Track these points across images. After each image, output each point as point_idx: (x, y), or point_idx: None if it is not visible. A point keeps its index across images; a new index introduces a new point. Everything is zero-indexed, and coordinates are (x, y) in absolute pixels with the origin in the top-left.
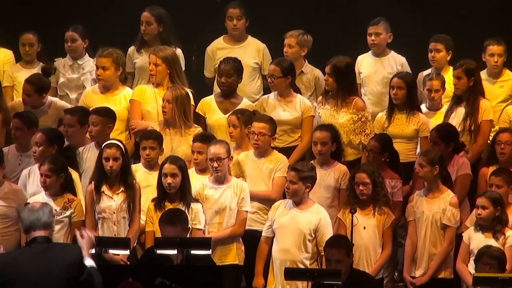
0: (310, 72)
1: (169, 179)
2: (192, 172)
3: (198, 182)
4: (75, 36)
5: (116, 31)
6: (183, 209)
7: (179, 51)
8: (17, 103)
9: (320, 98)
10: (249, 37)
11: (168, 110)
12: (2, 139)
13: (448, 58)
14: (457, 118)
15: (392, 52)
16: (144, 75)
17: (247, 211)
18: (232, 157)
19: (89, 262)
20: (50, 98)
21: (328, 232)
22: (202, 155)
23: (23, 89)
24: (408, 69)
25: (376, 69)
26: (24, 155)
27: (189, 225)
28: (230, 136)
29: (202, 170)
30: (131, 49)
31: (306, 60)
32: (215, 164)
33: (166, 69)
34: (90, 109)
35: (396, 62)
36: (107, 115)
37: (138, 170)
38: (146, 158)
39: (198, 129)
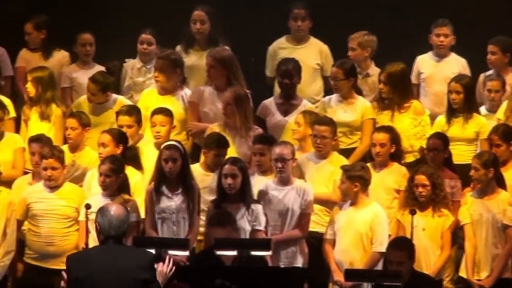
0: (375, 74)
1: (229, 180)
2: (252, 173)
3: (261, 183)
4: (152, 39)
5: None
6: (243, 210)
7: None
8: (82, 101)
9: (375, 104)
10: (311, 38)
11: (229, 112)
12: (61, 139)
13: (506, 60)
14: None
15: (453, 53)
16: (192, 75)
17: (310, 213)
18: (296, 158)
19: None
20: (115, 96)
21: (381, 231)
22: (263, 156)
23: (88, 87)
24: (468, 71)
25: (438, 70)
26: (77, 155)
27: (247, 227)
28: (293, 134)
29: (263, 172)
30: (178, 48)
31: (373, 62)
32: (279, 165)
33: (223, 71)
34: (148, 110)
35: (457, 63)
36: (171, 115)
37: (196, 171)
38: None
39: (258, 131)
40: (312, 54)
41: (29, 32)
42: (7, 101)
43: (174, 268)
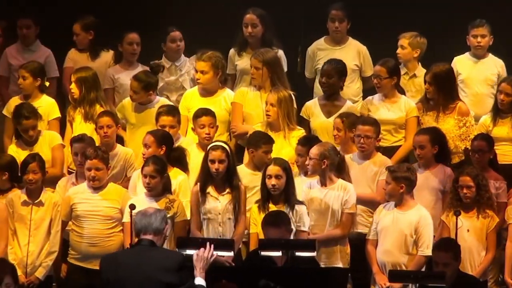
0: (422, 76)
1: (273, 181)
2: (296, 174)
3: (303, 183)
4: (181, 36)
5: (213, 32)
6: (287, 211)
7: (280, 53)
8: (126, 102)
9: (419, 105)
10: (350, 39)
11: (272, 113)
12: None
13: None
14: None
15: (490, 54)
16: (246, 78)
17: (351, 213)
18: (325, 160)
19: (199, 281)
20: (158, 97)
21: (426, 233)
22: (302, 157)
23: (131, 85)
24: (505, 72)
25: (477, 70)
26: (111, 154)
27: (293, 227)
28: (335, 139)
29: (306, 172)
30: (232, 51)
31: (419, 63)
32: (307, 162)
33: (267, 72)
34: (190, 111)
35: (496, 64)
36: (215, 116)
37: (242, 172)
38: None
39: (301, 131)
40: (350, 55)
41: (77, 33)
42: (51, 102)
43: (215, 254)
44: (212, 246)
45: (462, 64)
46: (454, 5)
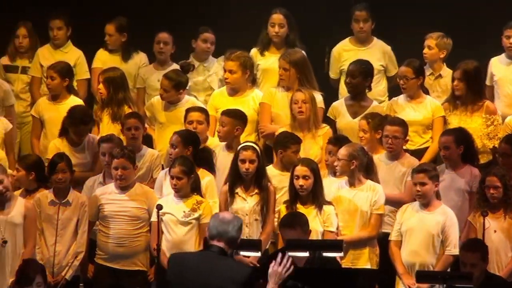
0: (448, 76)
1: (301, 181)
2: (325, 174)
3: (332, 184)
4: (213, 38)
5: (237, 32)
6: (315, 211)
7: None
8: (155, 101)
9: (446, 104)
10: (375, 39)
11: (305, 109)
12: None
13: None
14: None
15: None
16: (268, 78)
17: (380, 214)
18: (354, 161)
19: None
20: (187, 96)
21: (453, 232)
22: (334, 157)
23: (161, 84)
24: None
25: (510, 72)
26: (138, 155)
27: (320, 228)
28: (361, 141)
29: (335, 173)
30: (254, 51)
31: (444, 64)
32: (335, 163)
33: (295, 73)
34: (218, 111)
35: None
36: (237, 117)
37: (271, 173)
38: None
39: (326, 128)
40: (376, 56)
41: (111, 33)
42: (77, 102)
43: (291, 268)
44: (289, 260)
45: (496, 65)
46: (476, 5)
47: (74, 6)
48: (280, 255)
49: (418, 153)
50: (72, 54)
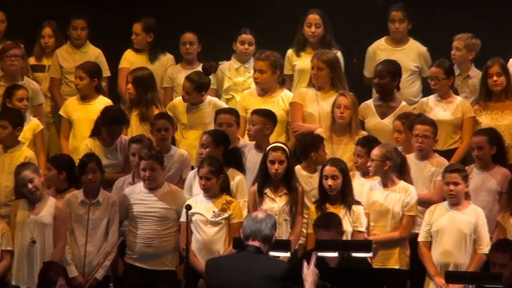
0: (476, 76)
1: (329, 181)
2: (356, 174)
3: (364, 184)
4: (253, 40)
5: (274, 33)
6: (344, 211)
7: (339, 54)
8: (178, 102)
9: (476, 106)
10: (411, 39)
11: (346, 115)
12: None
13: None
14: None
15: None
16: (304, 78)
17: (412, 216)
18: (387, 162)
19: None
20: (209, 97)
21: (485, 231)
22: (361, 158)
23: (183, 86)
24: None
25: None
26: (167, 155)
27: (349, 228)
28: (396, 141)
29: (365, 173)
30: (290, 51)
31: (472, 64)
32: (368, 164)
33: (329, 73)
34: (247, 112)
35: None
36: (267, 116)
37: (299, 174)
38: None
39: (362, 133)
40: (410, 56)
41: (137, 33)
42: (107, 103)
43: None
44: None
45: None
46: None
47: (100, 5)
48: (314, 256)
49: (447, 154)
50: (91, 53)
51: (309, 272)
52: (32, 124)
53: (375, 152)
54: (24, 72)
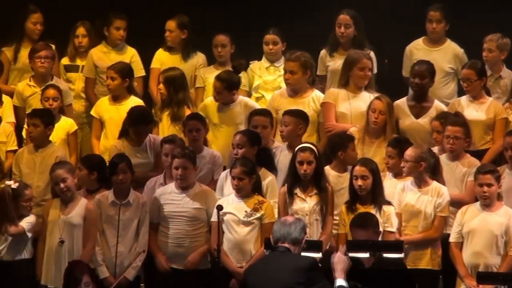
0: (508, 77)
1: (359, 181)
2: (388, 175)
3: (396, 185)
4: (277, 39)
5: (308, 33)
6: (374, 211)
7: (372, 54)
8: (209, 102)
9: (507, 104)
10: (448, 40)
11: (380, 121)
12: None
13: None
14: None
15: None
16: (337, 79)
17: (444, 216)
18: (423, 163)
19: (340, 282)
20: (241, 97)
21: None
22: (393, 159)
23: (214, 86)
24: None
25: None
26: (199, 156)
27: (380, 228)
28: (435, 142)
29: (396, 174)
30: (323, 52)
31: (504, 64)
32: (402, 165)
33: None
34: (278, 113)
35: None
36: (299, 116)
37: (329, 174)
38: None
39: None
40: (446, 57)
41: (171, 29)
42: (137, 102)
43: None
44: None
45: None
46: None
47: (133, 5)
48: (342, 246)
49: (478, 154)
50: (127, 53)
51: (338, 260)
52: (66, 124)
53: (410, 153)
54: (56, 72)
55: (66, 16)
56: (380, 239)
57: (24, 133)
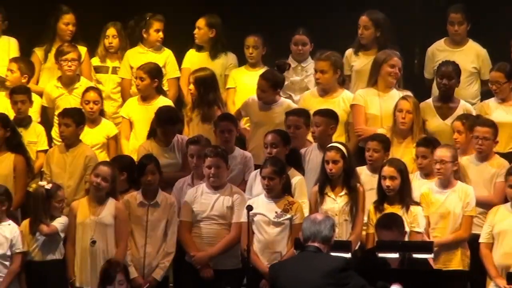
0: None
1: (387, 182)
2: (416, 176)
3: (423, 186)
4: (306, 40)
5: (335, 33)
6: (401, 212)
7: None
8: (251, 101)
9: None
10: (470, 41)
11: (408, 121)
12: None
13: None
14: None
15: None
16: (362, 79)
17: (472, 216)
18: (457, 162)
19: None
20: (283, 99)
21: None
22: (425, 159)
23: (258, 84)
24: None
25: None
26: (230, 157)
27: (406, 229)
28: (455, 142)
29: (426, 175)
30: (349, 52)
31: None
32: (438, 166)
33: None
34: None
35: None
36: (330, 115)
37: (362, 173)
38: (369, 159)
39: (421, 135)
40: (469, 58)
41: (200, 27)
42: (166, 102)
43: None
44: None
45: None
46: None
47: (164, 6)
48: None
49: (508, 156)
50: (162, 54)
51: None
52: (106, 127)
53: (446, 153)
54: (87, 74)
55: (98, 17)
56: (406, 239)
57: (53, 133)
